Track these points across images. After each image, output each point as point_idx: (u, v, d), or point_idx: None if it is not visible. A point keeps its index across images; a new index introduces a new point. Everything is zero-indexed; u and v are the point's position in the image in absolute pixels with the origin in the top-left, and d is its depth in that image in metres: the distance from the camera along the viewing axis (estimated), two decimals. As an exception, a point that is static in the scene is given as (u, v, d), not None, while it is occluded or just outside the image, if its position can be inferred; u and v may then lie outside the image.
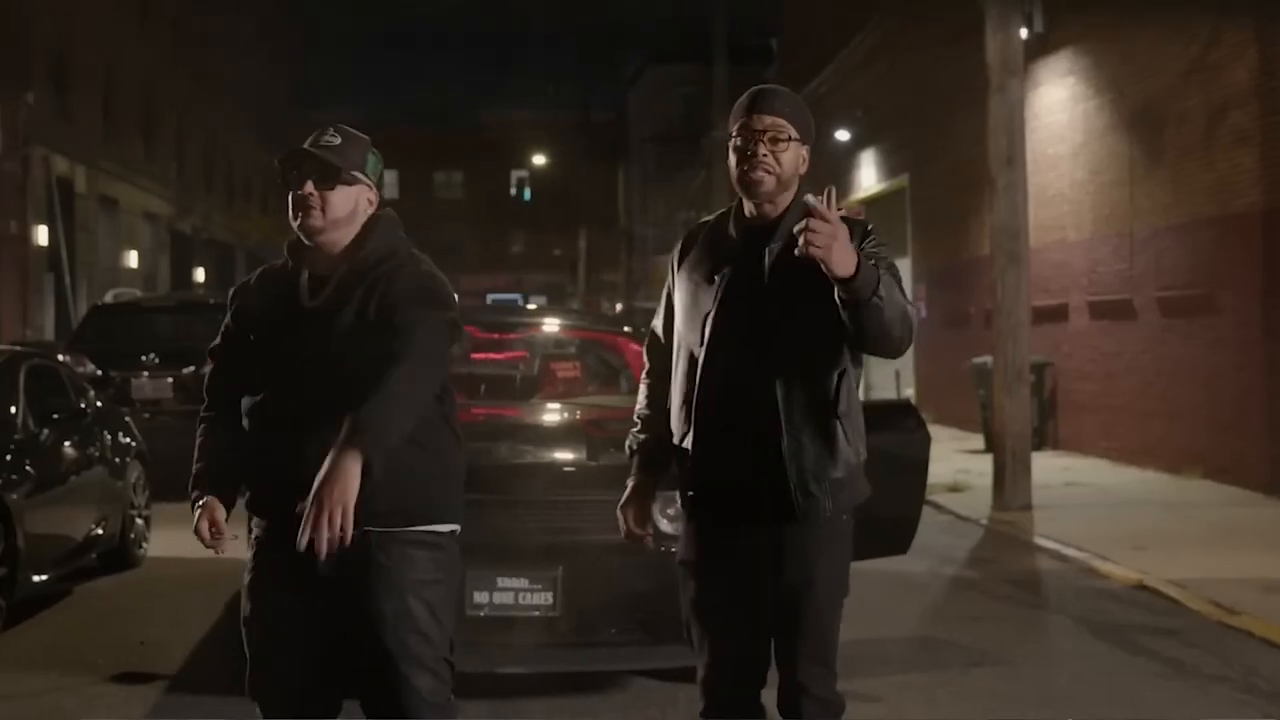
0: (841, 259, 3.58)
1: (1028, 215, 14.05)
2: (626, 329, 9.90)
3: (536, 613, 6.45)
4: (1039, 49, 17.75)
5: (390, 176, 73.14)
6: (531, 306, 30.65)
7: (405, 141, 71.45)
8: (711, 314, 4.02)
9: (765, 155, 4.01)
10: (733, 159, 4.07)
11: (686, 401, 4.09)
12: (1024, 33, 14.32)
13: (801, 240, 3.57)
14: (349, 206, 4.05)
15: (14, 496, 8.30)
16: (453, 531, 4.05)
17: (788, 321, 3.92)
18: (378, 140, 4.37)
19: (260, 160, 51.69)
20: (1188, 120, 15.70)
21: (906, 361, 25.94)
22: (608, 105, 65.80)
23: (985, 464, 14.79)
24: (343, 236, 4.05)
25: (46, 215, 28.69)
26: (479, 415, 8.43)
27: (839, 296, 3.66)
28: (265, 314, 4.08)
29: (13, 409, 8.98)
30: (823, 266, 3.59)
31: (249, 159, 50.11)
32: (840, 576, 4.10)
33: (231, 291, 4.26)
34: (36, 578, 8.61)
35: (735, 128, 4.08)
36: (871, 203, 29.25)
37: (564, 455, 7.16)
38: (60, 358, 12.56)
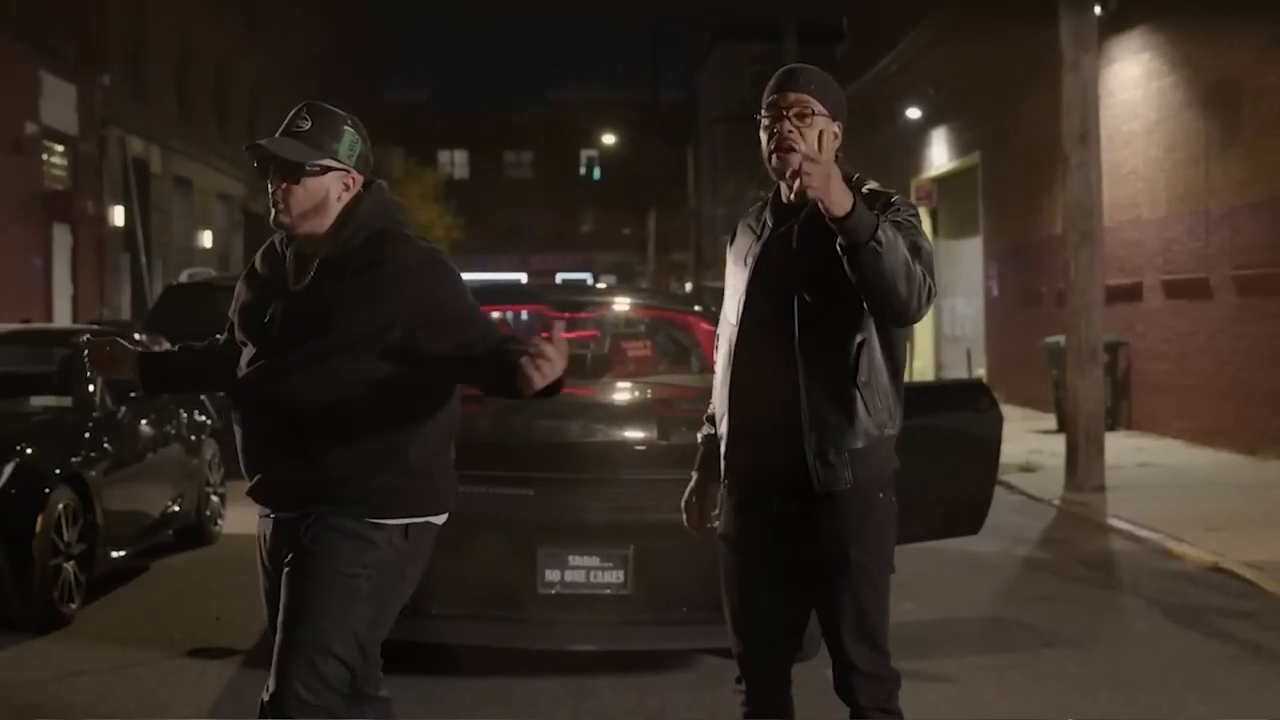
0: (837, 197, 3.60)
1: (1101, 193, 13.91)
2: (697, 308, 9.89)
3: (608, 591, 6.47)
4: (1113, 25, 17.56)
5: (460, 156, 73.94)
6: (601, 286, 30.68)
7: (475, 121, 71.89)
8: (743, 296, 4.09)
9: (791, 132, 4.00)
10: (763, 140, 4.09)
11: (724, 384, 4.16)
12: (1098, 9, 14.16)
13: (797, 182, 3.64)
14: (316, 199, 3.94)
15: (93, 474, 8.42)
16: (407, 527, 3.96)
17: (810, 293, 3.96)
18: (450, 120, 4.36)
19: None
20: (1266, 96, 15.49)
21: (978, 340, 25.82)
22: (677, 84, 65.71)
23: (1058, 444, 14.69)
24: (319, 224, 3.96)
25: (123, 195, 29.01)
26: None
27: (839, 245, 3.69)
28: (258, 294, 4.07)
29: (91, 387, 9.10)
30: (820, 207, 3.63)
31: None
32: (879, 554, 4.07)
33: (244, 272, 4.25)
34: (115, 553, 8.73)
35: (764, 108, 4.09)
36: (942, 181, 29.07)
37: (635, 434, 7.17)
38: (137, 336, 12.69)
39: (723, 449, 4.17)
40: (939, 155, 28.77)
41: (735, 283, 4.17)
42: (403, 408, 3.93)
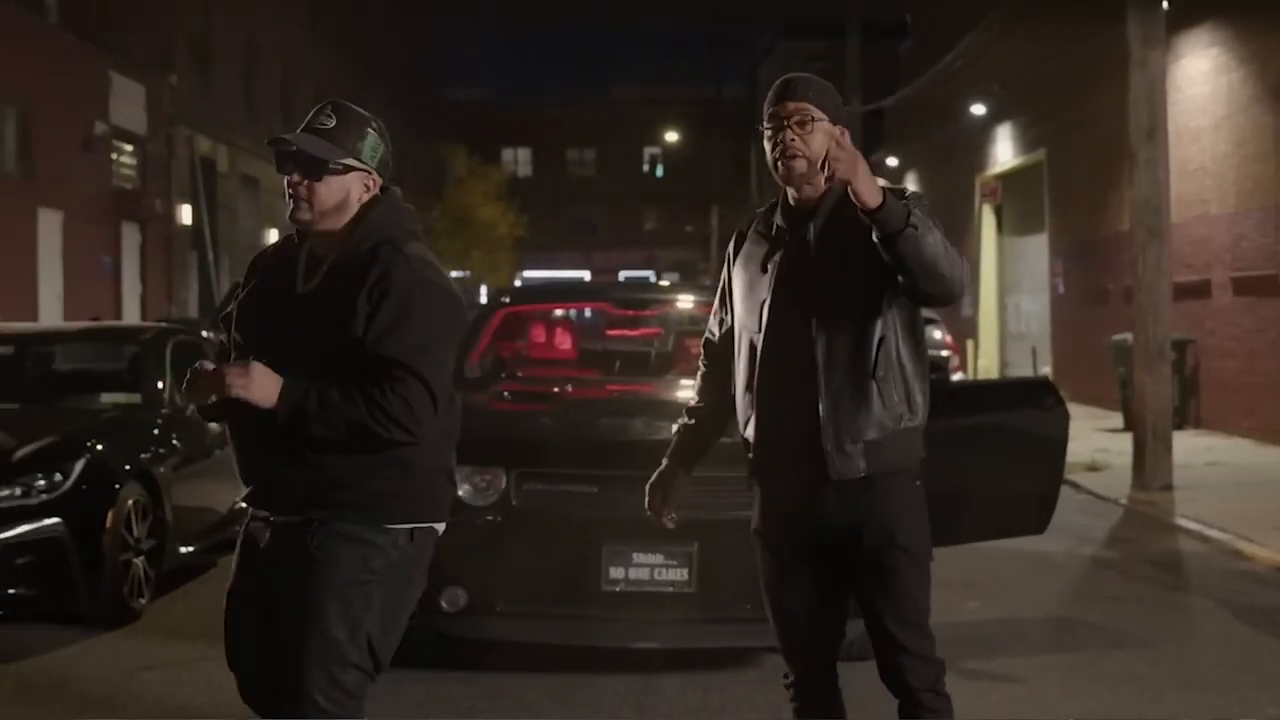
0: (867, 185, 3.79)
1: (1169, 190, 13.79)
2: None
3: (671, 589, 6.48)
4: (1181, 21, 17.39)
5: (524, 154, 74.22)
6: (664, 283, 30.69)
7: (538, 119, 72.10)
8: (768, 300, 4.18)
9: (794, 140, 4.13)
10: (767, 149, 4.22)
11: (749, 387, 4.25)
12: (1165, 3, 14.04)
13: (828, 169, 3.85)
14: (338, 197, 3.90)
15: (162, 470, 8.50)
16: (412, 530, 3.92)
17: (831, 292, 4.09)
18: (513, 118, 4.37)
19: (397, 138, 52.27)
20: (1337, 91, 15.30)
21: (1043, 338, 25.63)
22: (740, 81, 65.62)
23: (1124, 443, 14.58)
24: (335, 223, 3.93)
25: (190, 194, 29.31)
26: (614, 391, 8.48)
27: (876, 237, 3.83)
28: (262, 294, 4.03)
29: (159, 384, 9.19)
30: (853, 197, 3.81)
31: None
32: (921, 539, 4.19)
33: (253, 259, 4.19)
34: (183, 549, 8.81)
35: (765, 118, 4.22)
36: (1008, 178, 28.89)
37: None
38: (204, 334, 12.83)
39: (752, 453, 4.28)
40: (1004, 152, 28.59)
41: (755, 290, 4.25)
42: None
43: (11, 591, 7.55)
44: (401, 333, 3.79)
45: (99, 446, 8.13)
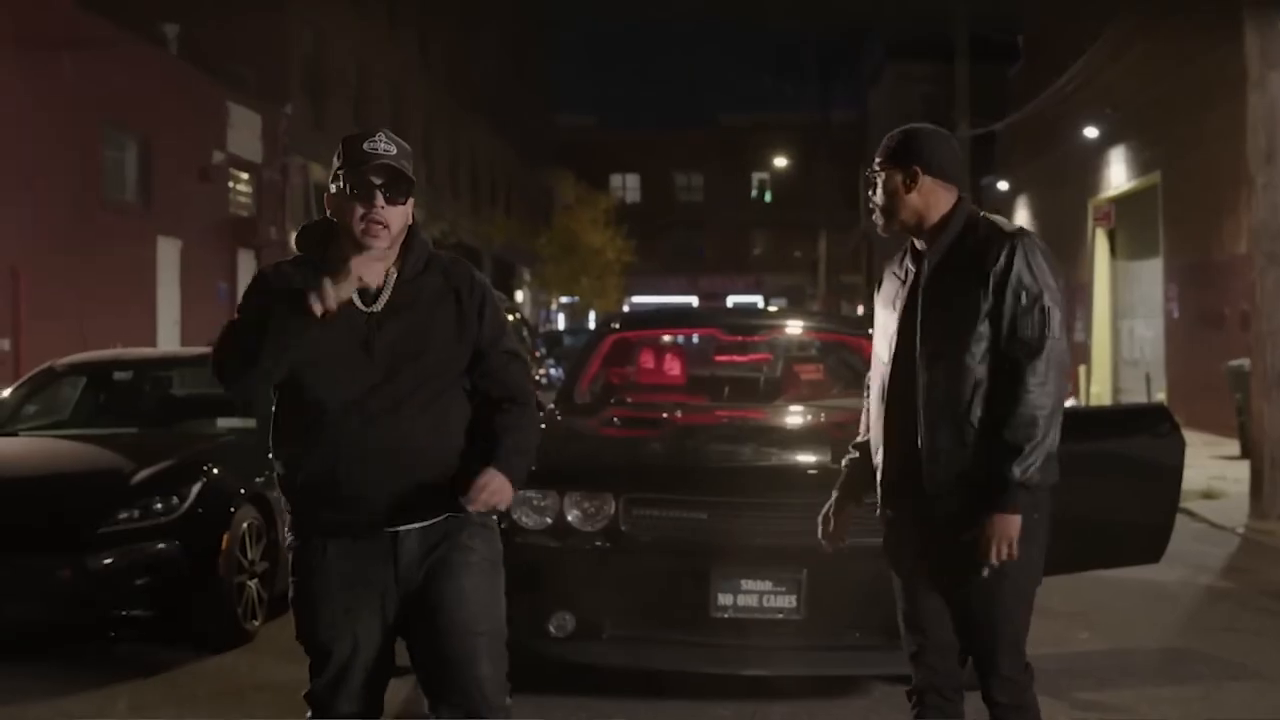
0: (1008, 534, 4.17)
1: (1289, 213, 13.53)
2: (870, 331, 9.84)
3: (780, 615, 6.45)
4: (1300, 40, 17.06)
5: (632, 180, 74.59)
6: (773, 309, 30.64)
7: (646, 144, 72.44)
8: (894, 335, 4.45)
9: (871, 199, 4.51)
10: None
11: (879, 418, 4.53)
12: (1284, 24, 13.79)
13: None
14: (405, 221, 4.02)
15: (275, 494, 8.59)
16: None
17: (934, 330, 4.35)
18: (621, 144, 4.50)
19: (506, 164, 52.69)
20: None
21: (1157, 364, 25.26)
22: (848, 105, 65.49)
23: (1241, 471, 14.32)
24: (395, 249, 4.04)
25: (304, 221, 29.74)
26: (723, 417, 8.48)
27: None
28: (330, 321, 3.98)
29: (274, 408, 9.31)
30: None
31: (494, 163, 51.12)
32: (1031, 571, 4.38)
33: (255, 288, 4.16)
34: (296, 572, 8.90)
35: None
36: (1121, 201, 28.53)
37: (808, 458, 7.12)
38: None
39: (879, 476, 4.54)
40: (1117, 175, 28.23)
41: (886, 324, 4.55)
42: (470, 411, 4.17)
43: (128, 612, 7.69)
44: (503, 326, 4.14)
45: (215, 470, 8.27)
